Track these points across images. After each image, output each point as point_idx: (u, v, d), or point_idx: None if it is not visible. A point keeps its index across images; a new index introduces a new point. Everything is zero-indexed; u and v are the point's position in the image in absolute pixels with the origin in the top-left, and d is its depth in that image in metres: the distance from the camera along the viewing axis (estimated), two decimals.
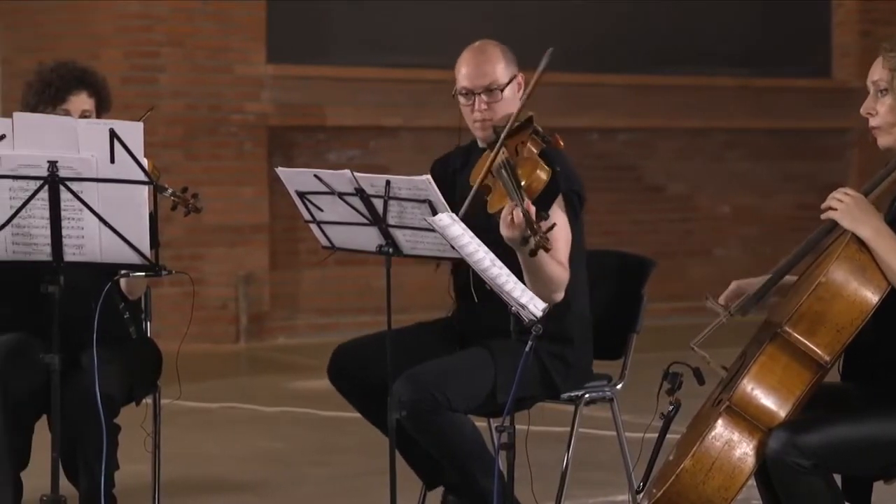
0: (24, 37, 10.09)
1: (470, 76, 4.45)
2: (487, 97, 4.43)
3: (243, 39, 10.09)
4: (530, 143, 4.25)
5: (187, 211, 4.46)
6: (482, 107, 4.43)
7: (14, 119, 4.02)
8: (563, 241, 4.29)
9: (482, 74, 4.43)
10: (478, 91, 4.44)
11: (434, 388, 4.23)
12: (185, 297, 9.02)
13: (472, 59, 4.47)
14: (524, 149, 4.24)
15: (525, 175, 4.14)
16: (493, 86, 4.43)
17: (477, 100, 4.44)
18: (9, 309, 4.64)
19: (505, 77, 4.45)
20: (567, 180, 4.35)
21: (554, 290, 4.23)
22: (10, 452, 4.38)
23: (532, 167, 4.17)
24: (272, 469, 6.23)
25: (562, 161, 4.34)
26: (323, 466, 6.25)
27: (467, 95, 4.46)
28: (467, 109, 4.47)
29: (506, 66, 4.46)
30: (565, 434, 4.53)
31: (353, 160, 10.38)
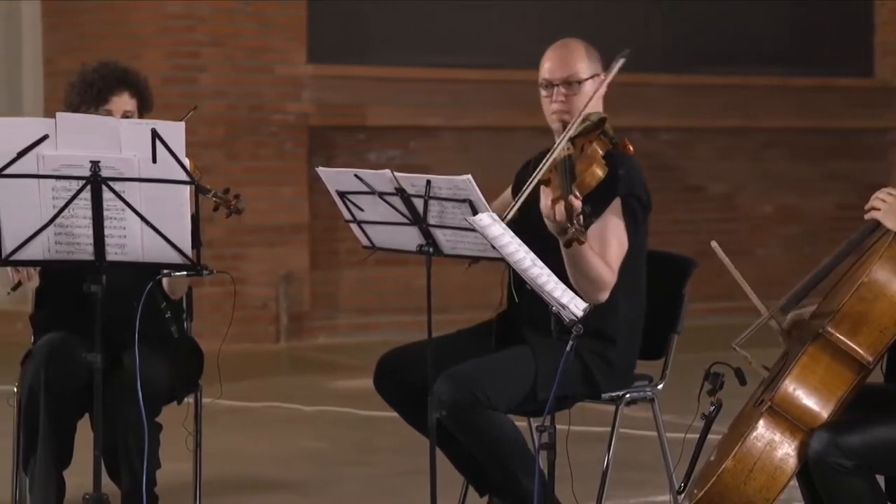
0: (67, 37, 10.16)
1: (551, 69, 4.46)
2: (566, 89, 4.44)
3: (284, 39, 10.12)
4: (597, 143, 4.23)
5: (229, 212, 4.47)
6: (560, 98, 4.43)
7: (57, 119, 4.04)
8: (615, 244, 4.27)
9: (563, 67, 4.45)
10: (556, 82, 4.44)
11: (474, 386, 4.22)
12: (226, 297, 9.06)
13: (556, 52, 4.49)
14: (590, 147, 4.22)
15: (581, 169, 4.13)
16: (571, 78, 4.44)
17: (555, 91, 4.44)
18: (52, 308, 4.67)
19: (586, 73, 4.45)
20: (629, 185, 4.33)
21: (597, 290, 4.22)
22: (53, 451, 4.41)
23: (590, 163, 4.15)
24: (312, 468, 6.24)
25: (627, 166, 4.33)
26: (363, 466, 6.26)
27: (547, 87, 4.47)
28: (546, 101, 4.48)
29: (588, 64, 4.47)
30: (606, 434, 4.52)
31: (393, 160, 10.39)
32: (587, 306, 3.94)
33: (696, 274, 4.73)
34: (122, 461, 4.39)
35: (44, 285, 4.68)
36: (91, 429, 4.29)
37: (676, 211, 11.41)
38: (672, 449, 4.58)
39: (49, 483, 4.41)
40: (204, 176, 4.43)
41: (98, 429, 4.21)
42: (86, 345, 4.25)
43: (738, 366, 4.09)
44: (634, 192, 4.36)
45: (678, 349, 4.68)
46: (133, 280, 4.36)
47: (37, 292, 4.73)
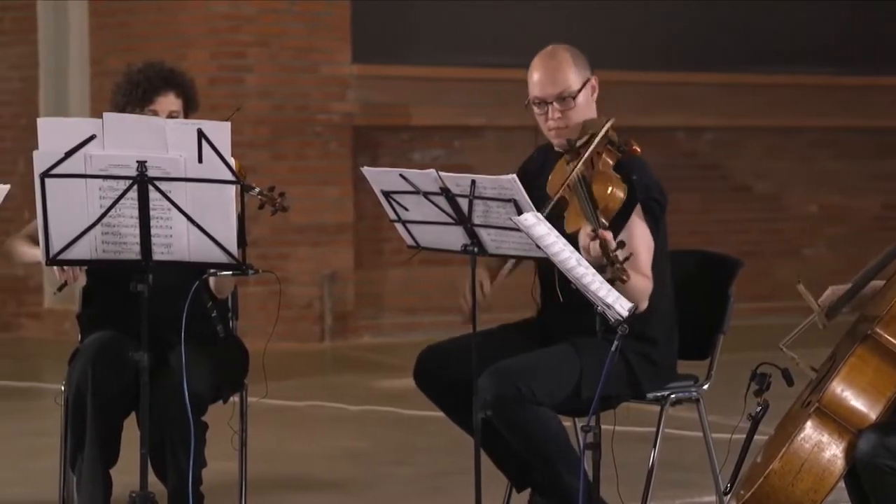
0: (113, 37, 10.21)
1: (541, 84, 4.41)
2: (560, 105, 4.40)
3: (329, 39, 10.14)
4: (606, 155, 4.22)
5: (274, 210, 4.47)
6: (556, 115, 4.40)
7: (104, 119, 4.06)
8: (644, 251, 4.26)
9: (553, 82, 4.40)
10: (550, 100, 4.41)
11: (519, 380, 4.22)
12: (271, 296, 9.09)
13: (543, 67, 4.43)
14: (599, 161, 4.21)
15: (601, 195, 4.11)
16: (565, 93, 4.40)
17: (550, 109, 4.41)
18: (98, 308, 4.69)
19: (577, 83, 4.41)
20: (644, 188, 4.31)
21: (638, 301, 4.20)
22: (101, 450, 4.43)
23: (607, 185, 4.13)
24: (356, 468, 6.25)
25: (638, 168, 4.30)
26: (407, 465, 6.26)
27: (540, 105, 4.43)
28: (541, 118, 4.44)
29: (577, 72, 4.42)
30: (650, 434, 4.51)
31: (437, 160, 10.39)
32: (632, 306, 3.93)
33: (742, 274, 4.71)
34: (168, 460, 4.41)
35: (91, 284, 4.70)
36: (138, 427, 4.31)
37: (722, 211, 11.36)
38: (718, 450, 4.56)
39: (96, 481, 4.42)
40: (249, 175, 4.45)
41: (144, 427, 4.23)
42: (132, 344, 4.27)
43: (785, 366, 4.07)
44: (651, 195, 4.34)
45: (724, 349, 4.66)
46: (179, 279, 4.37)
47: (84, 291, 4.76)
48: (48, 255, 4.10)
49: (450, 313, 10.17)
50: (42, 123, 4.07)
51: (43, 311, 10.64)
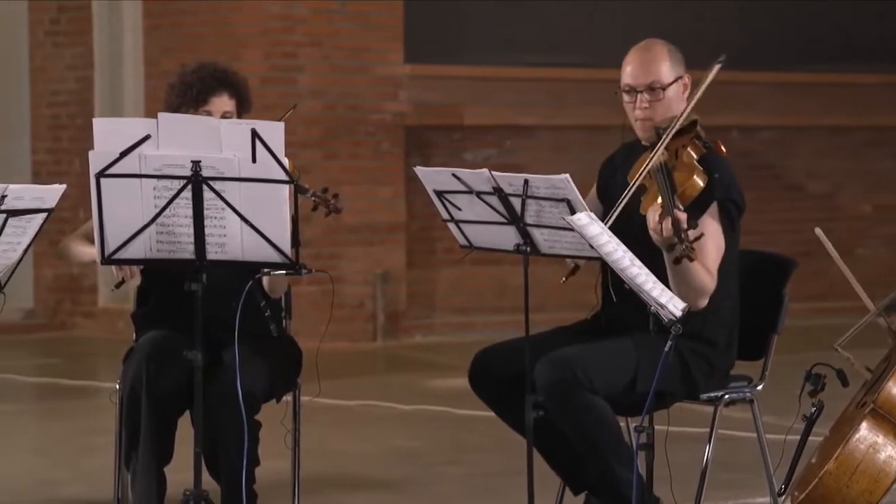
0: (167, 38, 10.27)
1: (634, 73, 4.41)
2: (650, 95, 4.39)
3: (381, 40, 10.15)
4: (691, 148, 4.21)
5: (328, 211, 4.49)
6: (644, 105, 4.39)
7: (159, 119, 4.09)
8: (713, 250, 4.24)
9: (646, 72, 4.40)
10: (640, 89, 4.40)
11: (576, 367, 4.21)
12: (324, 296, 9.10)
13: (638, 57, 4.44)
14: (684, 152, 4.20)
15: (681, 180, 4.11)
16: (655, 84, 4.40)
17: (639, 97, 4.40)
18: (153, 306, 4.71)
19: (669, 77, 4.41)
20: (725, 188, 4.29)
21: (698, 297, 4.18)
22: (155, 448, 4.45)
23: (689, 172, 4.13)
24: (408, 467, 6.26)
25: (721, 168, 4.29)
26: (459, 465, 6.26)
27: (630, 93, 4.42)
28: (629, 107, 4.43)
29: (671, 66, 4.42)
30: (704, 435, 4.49)
31: (489, 159, 10.39)
32: (685, 306, 3.92)
33: (797, 274, 4.68)
34: (221, 458, 4.42)
35: (145, 283, 4.73)
36: (192, 426, 4.33)
37: (776, 210, 11.30)
38: (772, 450, 4.53)
39: (150, 479, 4.45)
40: (302, 175, 4.46)
41: (198, 426, 4.25)
42: (186, 343, 4.29)
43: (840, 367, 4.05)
44: (731, 197, 4.32)
45: (778, 349, 4.64)
46: (233, 279, 4.39)
47: (138, 290, 4.78)
48: (103, 254, 4.13)
49: (501, 313, 10.19)
50: (97, 124, 4.10)
51: (97, 311, 10.72)
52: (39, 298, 10.84)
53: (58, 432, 7.20)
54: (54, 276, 10.78)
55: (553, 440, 4.38)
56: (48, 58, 10.81)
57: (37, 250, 9.84)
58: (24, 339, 10.36)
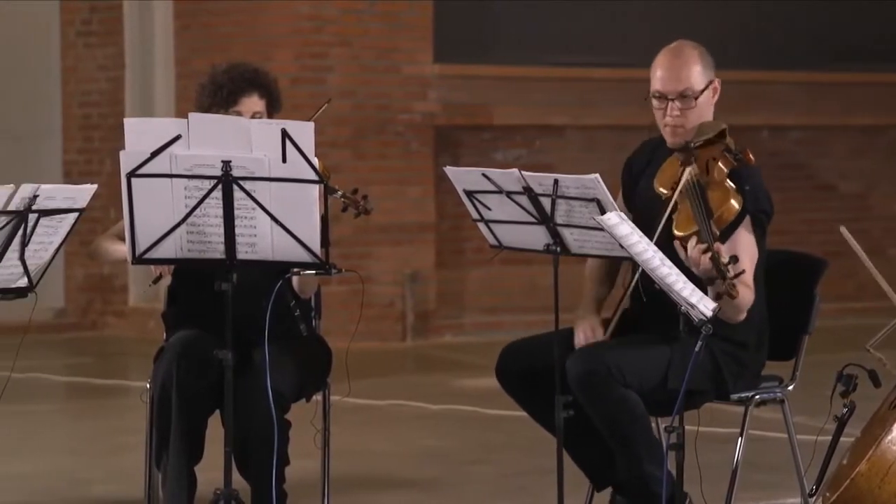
0: (197, 38, 10.30)
1: (664, 80, 4.37)
2: (681, 103, 4.36)
3: (410, 39, 10.16)
4: (721, 162, 4.18)
5: (357, 212, 4.49)
6: (675, 112, 4.36)
7: (189, 119, 4.10)
8: (749, 263, 4.22)
9: (677, 79, 4.36)
10: (671, 96, 4.37)
11: (609, 359, 4.21)
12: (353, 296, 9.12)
13: (669, 63, 4.38)
14: (715, 167, 4.17)
15: (717, 203, 4.08)
16: (687, 92, 4.36)
17: (670, 105, 4.37)
18: (183, 306, 4.73)
19: (700, 83, 4.38)
20: (755, 200, 4.28)
21: (738, 314, 4.17)
22: (185, 447, 4.46)
23: (724, 195, 4.10)
24: (438, 467, 6.26)
25: (751, 179, 4.27)
26: (488, 464, 6.26)
27: (660, 99, 4.39)
28: (659, 113, 4.40)
29: (702, 72, 4.39)
30: (734, 435, 4.48)
31: (519, 159, 10.38)
32: (716, 306, 3.91)
33: (828, 274, 4.66)
34: (251, 457, 4.43)
35: (175, 283, 4.74)
36: (222, 425, 4.34)
37: (806, 210, 11.26)
38: (803, 451, 4.52)
39: (181, 478, 4.46)
40: (332, 175, 4.47)
41: (229, 425, 4.26)
42: (217, 342, 4.30)
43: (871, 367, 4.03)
44: (761, 207, 4.32)
45: (809, 350, 4.62)
46: (263, 279, 4.40)
47: (168, 290, 4.80)
48: (134, 254, 4.14)
49: (531, 312, 10.18)
50: (129, 124, 4.12)
51: (128, 310, 10.76)
52: (70, 298, 10.89)
53: (89, 432, 7.23)
54: (85, 276, 10.82)
55: (581, 437, 4.38)
56: (79, 58, 10.85)
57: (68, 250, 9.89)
58: (55, 338, 10.40)
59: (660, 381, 4.26)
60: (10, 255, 3.89)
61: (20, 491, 5.67)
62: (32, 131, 10.80)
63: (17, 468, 5.97)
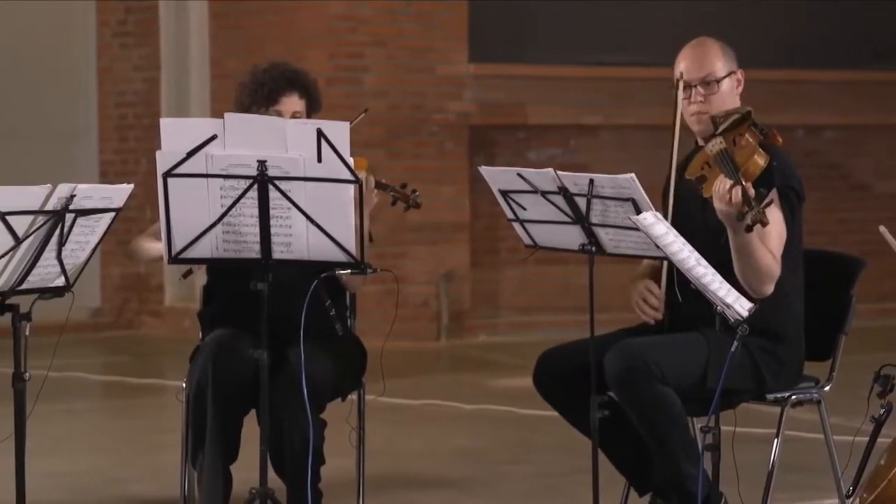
0: (232, 38, 10.34)
1: (687, 69, 4.45)
2: (704, 89, 4.42)
3: (445, 39, 10.16)
4: (748, 135, 4.22)
5: (407, 206, 4.55)
6: (699, 98, 4.42)
7: (225, 119, 4.11)
8: (776, 235, 4.23)
9: (699, 66, 4.44)
10: (694, 83, 4.43)
11: (647, 356, 4.21)
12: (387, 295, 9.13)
13: (690, 53, 4.48)
14: (742, 139, 4.20)
15: (742, 159, 4.11)
16: (709, 78, 4.43)
17: (693, 92, 4.43)
18: (219, 305, 4.74)
19: (722, 71, 4.44)
20: (784, 176, 4.29)
21: (764, 281, 4.17)
22: (220, 446, 4.47)
23: (750, 153, 4.14)
24: (472, 466, 6.26)
25: (779, 156, 4.29)
26: (523, 465, 6.26)
27: (685, 88, 4.44)
28: (685, 103, 4.45)
29: (724, 61, 4.47)
30: (770, 436, 4.46)
31: (553, 159, 10.37)
32: (752, 306, 3.90)
33: (865, 274, 4.64)
34: (287, 456, 4.44)
35: (212, 283, 4.76)
36: (257, 424, 4.35)
37: (843, 210, 11.21)
38: (840, 452, 4.50)
39: (216, 477, 4.47)
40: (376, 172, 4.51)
41: (264, 424, 4.27)
42: (252, 341, 4.31)
43: None
44: (789, 183, 4.32)
45: (846, 350, 4.60)
46: (298, 278, 4.41)
47: (204, 289, 4.81)
48: (170, 253, 4.15)
49: (565, 312, 10.17)
50: (165, 124, 4.13)
51: (164, 309, 10.80)
52: (107, 297, 10.94)
53: (125, 431, 7.26)
54: (121, 276, 10.87)
55: (618, 440, 4.37)
56: (115, 59, 10.91)
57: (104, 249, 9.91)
58: (91, 337, 10.46)
59: (698, 379, 4.26)
60: (48, 255, 3.91)
61: (57, 489, 5.70)
62: (69, 131, 10.86)
63: (54, 467, 6.00)
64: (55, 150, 10.67)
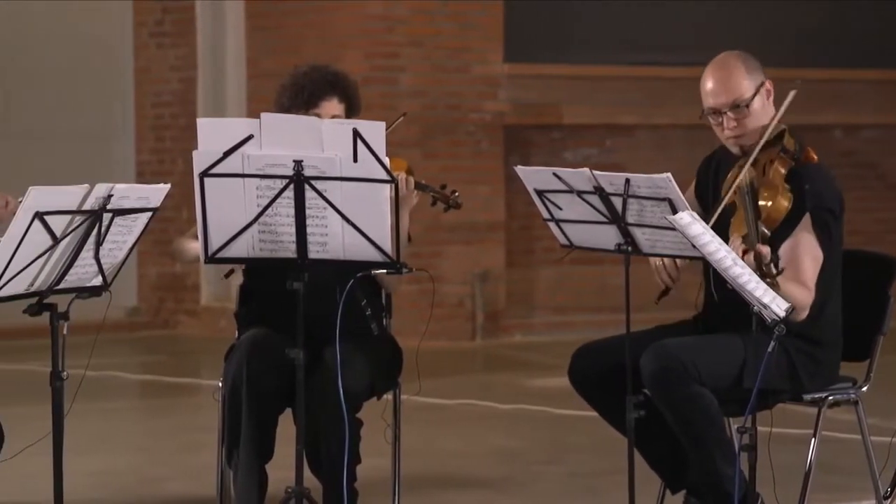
0: (269, 38, 10.36)
1: (714, 94, 4.38)
2: (734, 113, 4.36)
3: (481, 39, 10.16)
4: (778, 163, 4.19)
5: (447, 206, 4.56)
6: (731, 124, 4.36)
7: (261, 119, 4.12)
8: (809, 262, 4.21)
9: (726, 91, 4.37)
10: (724, 109, 4.37)
11: (684, 356, 4.20)
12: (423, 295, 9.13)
13: (714, 77, 4.40)
14: (771, 169, 4.17)
15: (764, 204, 4.09)
16: (738, 102, 4.36)
17: (725, 118, 4.37)
18: (255, 305, 4.75)
19: (750, 90, 4.37)
20: (816, 198, 4.25)
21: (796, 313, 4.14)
22: (256, 445, 4.48)
23: (773, 194, 4.11)
24: (507, 466, 6.26)
25: (812, 177, 4.25)
26: (559, 464, 6.25)
27: (714, 115, 4.39)
28: (717, 129, 4.41)
29: (749, 78, 4.38)
30: (807, 436, 4.44)
31: (589, 159, 10.35)
32: (789, 306, 3.88)
33: None
34: (323, 456, 4.45)
35: (248, 282, 4.77)
36: (293, 423, 4.36)
37: (880, 210, 11.15)
38: (877, 453, 4.48)
39: (252, 476, 4.48)
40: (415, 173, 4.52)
41: (300, 423, 4.28)
42: (288, 341, 4.32)
43: None
44: (823, 205, 4.28)
45: (884, 351, 4.58)
46: (334, 278, 4.42)
47: (241, 289, 4.83)
48: (207, 253, 4.17)
49: (601, 312, 10.15)
50: (202, 124, 4.15)
51: (200, 309, 10.83)
52: (143, 297, 10.98)
53: (161, 429, 7.29)
54: (158, 275, 10.91)
55: (654, 439, 4.36)
56: (152, 59, 10.95)
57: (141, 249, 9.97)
58: (128, 336, 10.50)
59: (734, 379, 4.25)
60: (85, 255, 3.93)
61: (94, 488, 5.73)
62: (105, 131, 10.90)
63: (92, 465, 6.03)
64: (92, 150, 10.71)
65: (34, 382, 5.90)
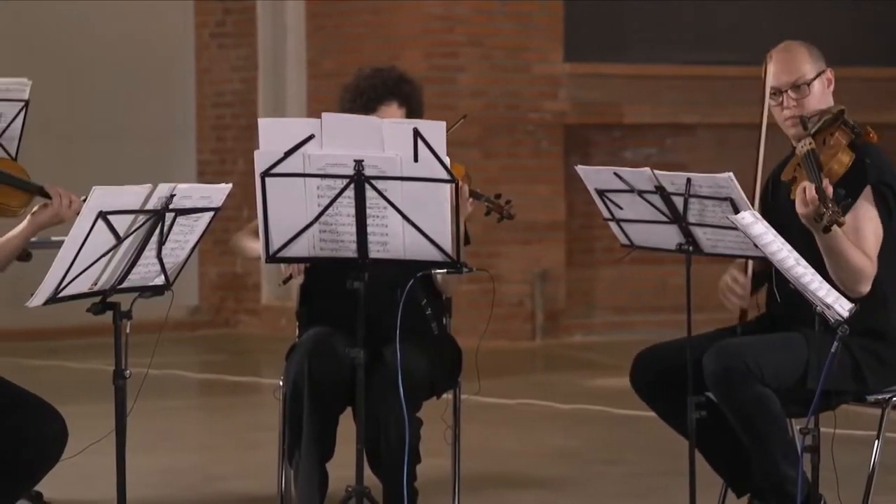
0: (329, 39, 10.40)
1: (776, 74, 4.40)
2: (795, 93, 4.38)
3: (541, 39, 10.15)
4: (839, 134, 4.19)
5: (501, 217, 4.56)
6: (791, 104, 4.38)
7: (322, 119, 4.13)
8: (870, 233, 4.19)
9: (787, 71, 4.39)
10: (784, 88, 4.39)
11: (747, 356, 4.17)
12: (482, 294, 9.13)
13: (778, 58, 4.43)
14: (832, 138, 4.17)
15: (826, 158, 4.09)
16: (799, 81, 4.38)
17: (785, 97, 4.39)
18: (316, 304, 4.77)
19: (812, 73, 4.39)
20: (878, 172, 4.24)
21: (858, 281, 4.13)
22: (317, 444, 4.50)
23: (834, 151, 4.11)
24: (566, 466, 6.24)
25: (874, 154, 4.25)
26: (619, 465, 6.23)
27: (775, 95, 4.40)
28: (777, 109, 4.41)
29: (812, 62, 4.41)
30: (871, 438, 4.40)
31: (649, 158, 10.32)
32: (853, 306, 3.86)
33: None
34: (383, 455, 4.46)
35: (309, 282, 4.78)
36: (353, 422, 4.37)
37: None
38: None
39: (313, 475, 4.50)
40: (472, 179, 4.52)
41: (361, 423, 4.29)
42: (348, 340, 4.33)
43: None
44: (884, 180, 4.26)
45: None
46: (395, 277, 4.43)
47: (302, 289, 4.84)
48: (268, 252, 4.19)
49: (661, 312, 10.11)
50: (262, 124, 4.17)
51: (260, 308, 10.88)
52: (204, 296, 11.05)
53: (223, 428, 7.33)
54: (219, 274, 10.98)
55: (716, 440, 4.34)
56: (213, 59, 11.02)
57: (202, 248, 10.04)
58: (189, 335, 10.57)
59: (798, 380, 4.22)
60: (148, 254, 3.95)
61: (156, 485, 5.77)
62: (167, 132, 10.98)
63: (154, 463, 6.07)
64: (154, 150, 10.80)
65: (97, 381, 5.95)
